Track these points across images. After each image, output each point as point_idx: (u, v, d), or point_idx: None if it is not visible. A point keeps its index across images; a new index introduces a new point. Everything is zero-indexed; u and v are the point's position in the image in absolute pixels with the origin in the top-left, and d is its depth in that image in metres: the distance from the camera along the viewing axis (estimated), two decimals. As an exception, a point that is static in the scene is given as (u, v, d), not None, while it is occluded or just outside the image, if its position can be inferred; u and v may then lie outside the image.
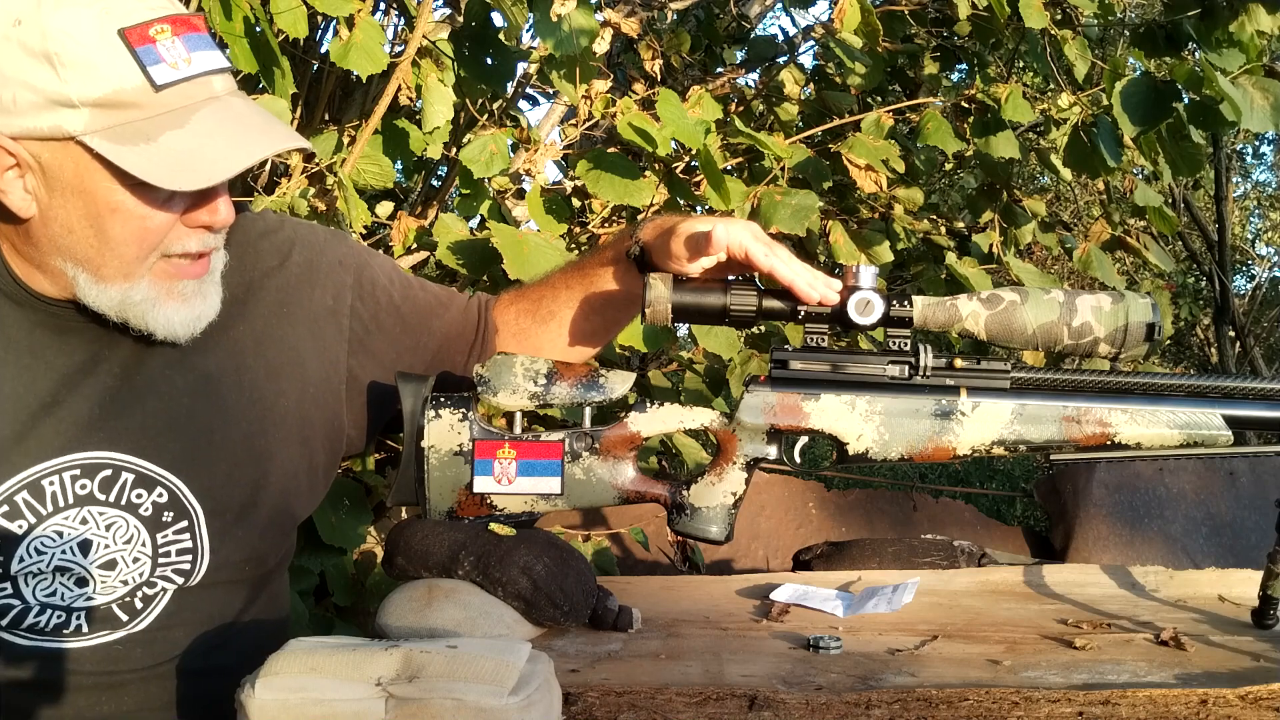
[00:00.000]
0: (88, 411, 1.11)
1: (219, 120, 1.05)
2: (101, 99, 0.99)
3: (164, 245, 1.07)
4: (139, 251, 1.06)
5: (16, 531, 1.09)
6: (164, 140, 1.01)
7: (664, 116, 2.18)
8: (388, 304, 1.29)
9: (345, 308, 1.26)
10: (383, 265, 1.33)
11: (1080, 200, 9.24)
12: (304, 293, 1.24)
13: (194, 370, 1.16)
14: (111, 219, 1.04)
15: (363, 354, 1.27)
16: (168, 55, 1.02)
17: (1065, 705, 0.93)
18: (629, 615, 1.24)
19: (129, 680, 1.14)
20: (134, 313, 1.08)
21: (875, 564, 1.79)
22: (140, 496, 1.13)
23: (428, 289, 1.36)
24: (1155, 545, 3.79)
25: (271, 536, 1.23)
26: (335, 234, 1.33)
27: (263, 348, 1.20)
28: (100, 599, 1.12)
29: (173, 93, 1.02)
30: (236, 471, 1.17)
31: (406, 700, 0.80)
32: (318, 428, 1.24)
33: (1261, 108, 2.38)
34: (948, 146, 2.75)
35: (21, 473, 1.09)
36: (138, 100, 1.01)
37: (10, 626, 1.10)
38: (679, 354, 2.84)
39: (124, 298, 1.07)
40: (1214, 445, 1.12)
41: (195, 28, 1.05)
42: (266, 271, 1.22)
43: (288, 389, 1.21)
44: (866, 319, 1.13)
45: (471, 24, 2.20)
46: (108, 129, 1.00)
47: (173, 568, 1.15)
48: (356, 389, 1.27)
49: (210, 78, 1.05)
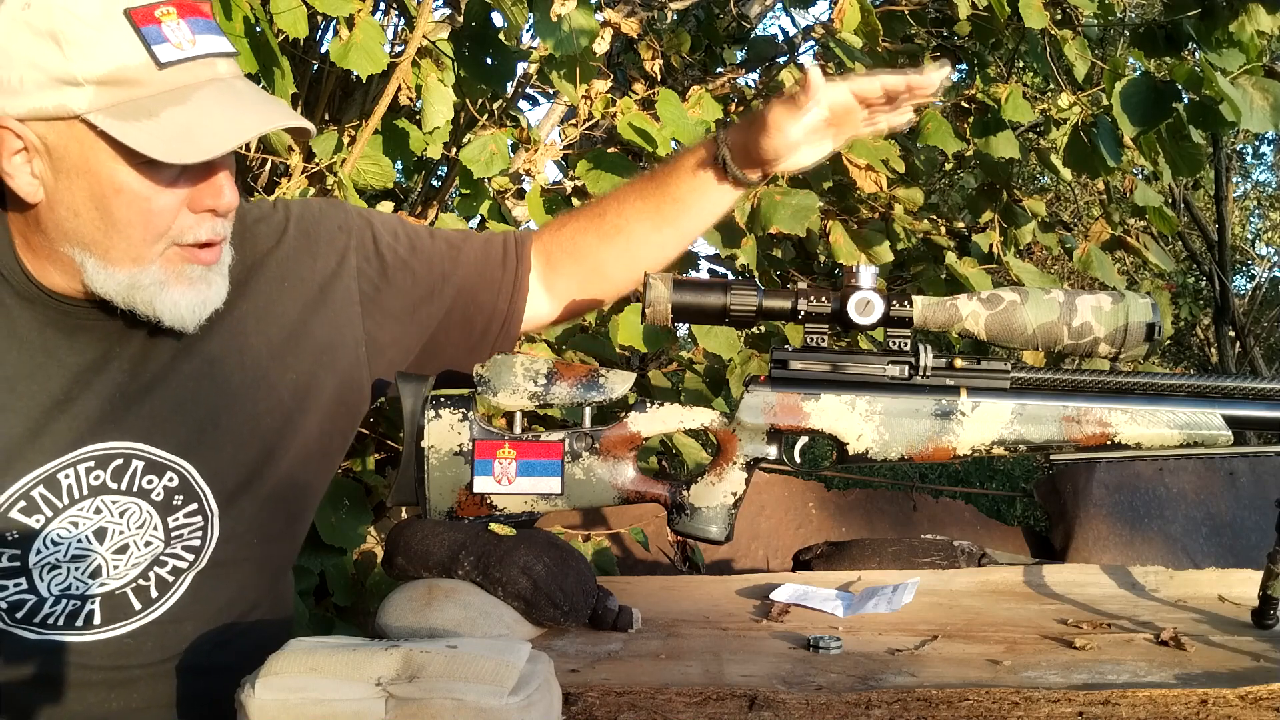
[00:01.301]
0: (99, 406, 1.12)
1: (220, 98, 1.05)
2: (105, 76, 1.00)
3: (174, 233, 1.07)
4: (145, 234, 1.06)
5: (34, 526, 1.10)
6: (165, 116, 1.01)
7: (664, 116, 2.18)
8: (394, 260, 1.28)
9: (350, 269, 1.25)
10: (386, 222, 1.32)
11: (1080, 200, 9.24)
12: (304, 263, 1.24)
13: (199, 355, 1.17)
14: (116, 200, 1.04)
15: (377, 313, 1.26)
16: (172, 35, 1.03)
17: (1065, 705, 0.93)
18: (629, 615, 1.24)
19: (138, 676, 1.14)
20: (141, 297, 1.08)
21: (875, 564, 1.79)
22: (151, 482, 1.14)
23: (440, 235, 1.34)
24: (1155, 545, 3.79)
25: (280, 511, 1.23)
26: (333, 202, 1.33)
27: (264, 325, 1.21)
28: (113, 584, 1.13)
29: (176, 71, 1.03)
30: (242, 451, 1.18)
31: (406, 700, 0.80)
32: (331, 393, 1.24)
33: (1261, 108, 2.39)
34: (948, 146, 2.75)
35: (38, 469, 1.10)
36: (140, 78, 1.01)
37: (23, 621, 1.11)
38: (679, 354, 2.84)
39: (132, 282, 1.07)
40: (1214, 445, 1.12)
41: (201, 12, 1.06)
42: (265, 251, 1.23)
43: (295, 362, 1.21)
44: (866, 319, 1.13)
45: (471, 24, 2.20)
46: (111, 106, 1.01)
47: (183, 545, 1.16)
48: (377, 349, 1.26)
49: (214, 59, 1.06)
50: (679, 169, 1.30)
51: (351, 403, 1.27)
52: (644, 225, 1.31)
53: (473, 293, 1.32)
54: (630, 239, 1.32)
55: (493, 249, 1.34)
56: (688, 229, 1.32)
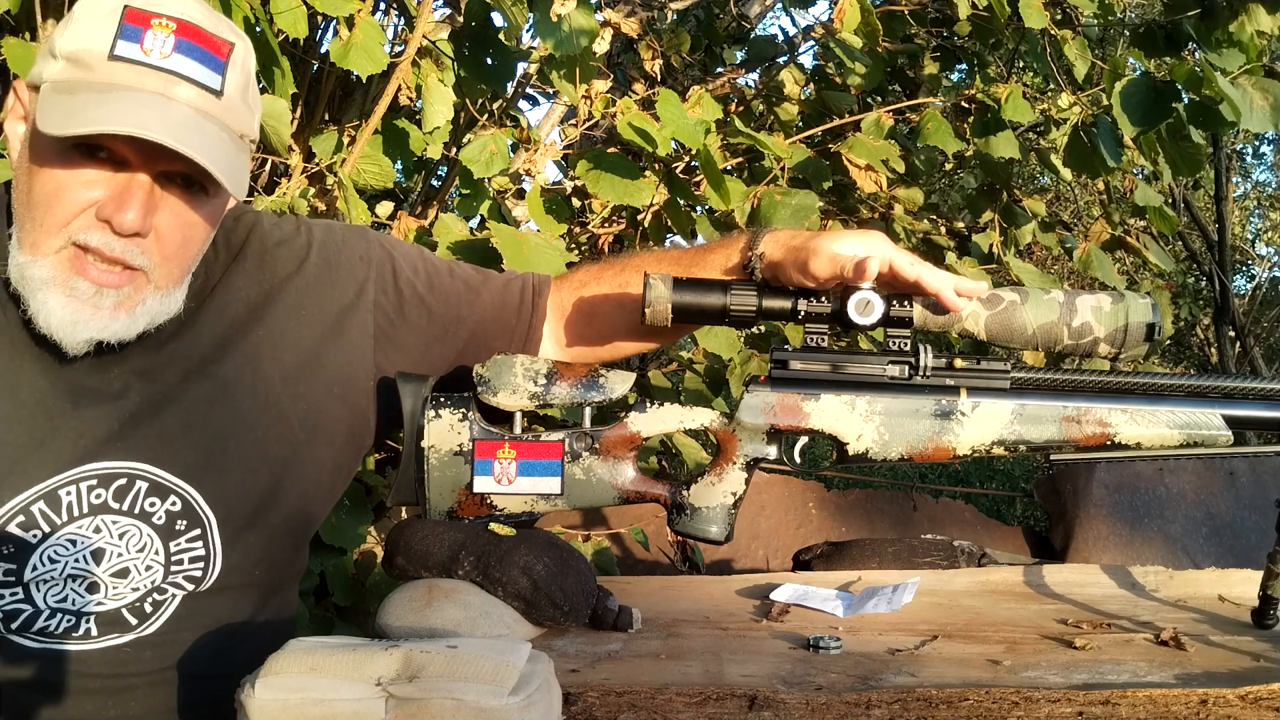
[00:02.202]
0: (106, 422, 1.11)
1: (145, 108, 1.01)
2: (70, 53, 1.03)
3: (72, 229, 1.04)
4: (47, 219, 1.03)
5: (31, 540, 1.09)
6: (79, 98, 1.01)
7: (664, 116, 2.18)
8: (412, 296, 1.27)
9: (368, 302, 1.25)
10: (407, 255, 1.30)
11: (1080, 200, 9.24)
12: (323, 292, 1.23)
13: (212, 378, 1.16)
14: (37, 175, 1.04)
15: (389, 348, 1.26)
16: (148, 42, 1.03)
17: (1065, 705, 0.93)
18: (629, 615, 1.24)
19: (136, 684, 1.14)
20: (25, 288, 1.05)
21: (875, 564, 1.79)
22: (154, 505, 1.13)
23: (459, 274, 1.32)
24: (1155, 545, 3.79)
25: (285, 541, 1.22)
26: (356, 229, 1.31)
27: (279, 351, 1.19)
28: (111, 604, 1.12)
29: (125, 69, 1.02)
30: (250, 478, 1.17)
31: (406, 700, 0.80)
32: (342, 425, 1.24)
33: (1261, 108, 2.38)
34: (948, 146, 2.75)
35: (39, 484, 1.09)
36: (91, 62, 1.02)
37: (20, 630, 1.10)
38: (679, 354, 2.84)
39: (21, 271, 1.05)
40: (1214, 445, 1.12)
41: (207, 44, 1.05)
42: (285, 277, 1.22)
43: (307, 391, 1.21)
44: (866, 319, 1.13)
45: (471, 24, 2.20)
46: (58, 83, 1.02)
47: (184, 575, 1.15)
48: (386, 384, 1.25)
49: (176, 80, 1.03)
50: (709, 263, 1.27)
51: (359, 436, 1.26)
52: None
53: (486, 337, 1.30)
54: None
55: (510, 295, 1.32)
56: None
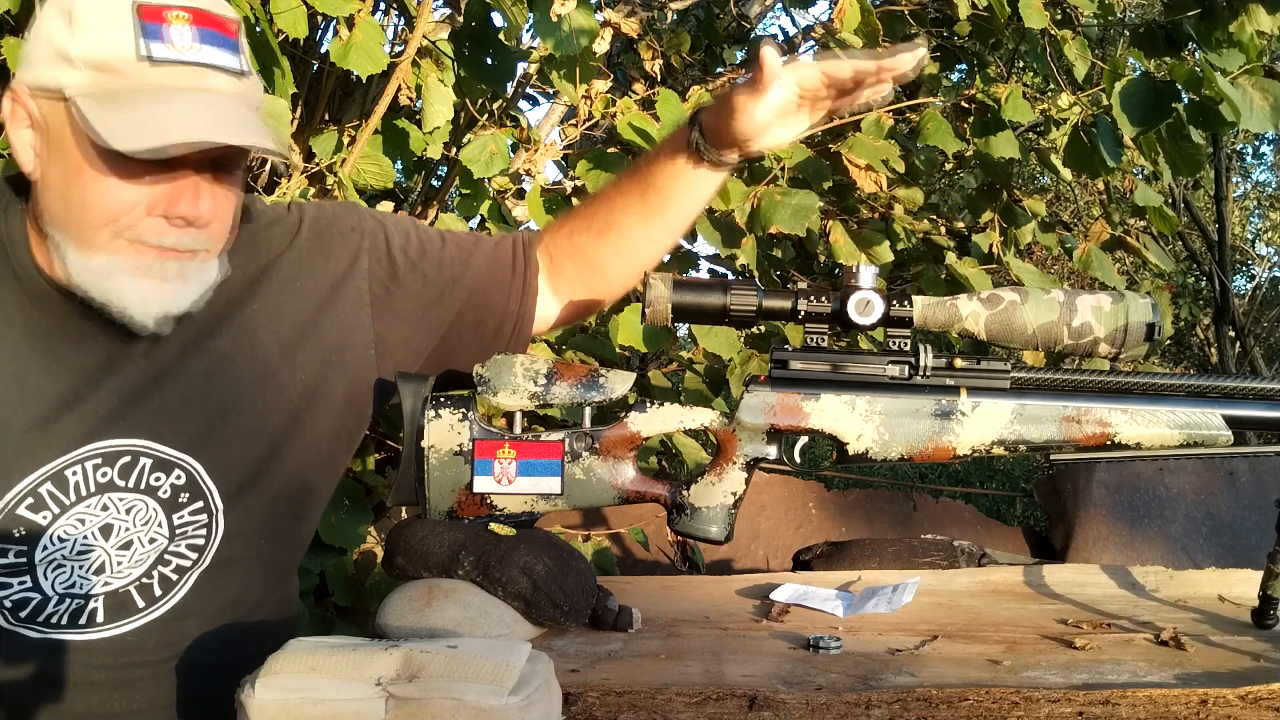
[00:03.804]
0: (108, 403, 1.13)
1: (195, 108, 1.04)
2: (95, 61, 1.02)
3: (124, 226, 1.05)
4: (96, 219, 1.05)
5: (41, 522, 1.10)
6: (136, 110, 1.01)
7: (664, 116, 2.18)
8: (404, 262, 1.29)
9: (362, 271, 1.27)
10: (399, 224, 1.33)
11: (1080, 200, 9.24)
12: (316, 263, 1.25)
13: (209, 352, 1.17)
14: (78, 181, 1.04)
15: (387, 315, 1.27)
16: (172, 37, 1.03)
17: (1065, 705, 0.93)
18: (629, 615, 1.24)
19: (141, 676, 1.14)
20: (88, 280, 1.06)
21: (875, 564, 1.79)
22: (159, 480, 1.15)
23: (451, 239, 1.35)
24: (1155, 545, 3.79)
25: (285, 510, 1.23)
26: (347, 204, 1.35)
27: (275, 323, 1.21)
28: (117, 582, 1.13)
29: (163, 71, 1.03)
30: (249, 448, 1.19)
31: (406, 700, 0.80)
32: (340, 392, 1.25)
33: (1261, 108, 2.38)
34: (948, 146, 2.75)
35: (45, 465, 1.10)
36: (126, 69, 1.02)
37: (27, 620, 1.11)
38: (679, 354, 2.84)
39: (84, 264, 1.06)
40: (1214, 445, 1.12)
41: (221, 27, 1.06)
42: (278, 252, 1.24)
43: (305, 361, 1.22)
44: (866, 319, 1.13)
45: (471, 24, 2.20)
46: (94, 92, 1.02)
47: (187, 543, 1.16)
48: (387, 350, 1.27)
49: (209, 71, 1.05)
50: (658, 158, 1.29)
51: (360, 404, 1.27)
52: (632, 218, 1.31)
53: (484, 295, 1.32)
54: (622, 233, 1.32)
55: (502, 252, 1.35)
56: (675, 217, 1.31)
